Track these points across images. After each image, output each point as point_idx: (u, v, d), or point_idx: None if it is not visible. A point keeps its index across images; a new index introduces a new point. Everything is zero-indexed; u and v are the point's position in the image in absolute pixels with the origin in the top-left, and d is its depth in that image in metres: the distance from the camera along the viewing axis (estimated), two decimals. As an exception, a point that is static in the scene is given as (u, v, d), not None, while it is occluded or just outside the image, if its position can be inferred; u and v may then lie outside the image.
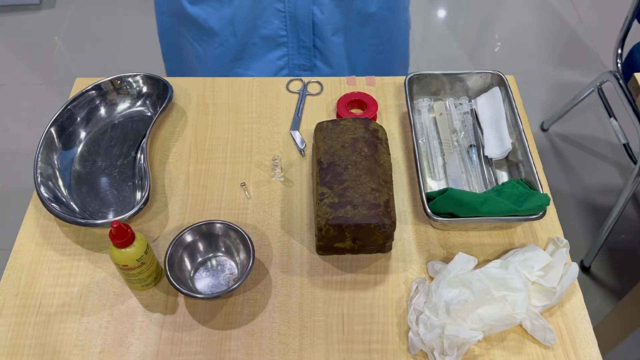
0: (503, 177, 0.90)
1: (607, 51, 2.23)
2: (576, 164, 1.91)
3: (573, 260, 0.78)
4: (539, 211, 0.78)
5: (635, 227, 1.75)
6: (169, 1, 1.10)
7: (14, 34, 2.33)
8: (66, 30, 2.34)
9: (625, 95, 1.52)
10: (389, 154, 0.85)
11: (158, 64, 2.20)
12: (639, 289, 1.20)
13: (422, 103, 0.98)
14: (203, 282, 0.79)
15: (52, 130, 0.89)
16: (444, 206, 0.79)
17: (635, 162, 1.49)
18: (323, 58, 1.10)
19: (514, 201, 0.79)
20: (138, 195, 0.87)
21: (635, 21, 1.58)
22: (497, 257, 0.81)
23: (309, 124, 0.97)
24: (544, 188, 0.84)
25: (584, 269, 1.67)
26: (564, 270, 0.77)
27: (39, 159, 0.86)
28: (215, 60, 1.11)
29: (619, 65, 1.62)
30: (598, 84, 1.72)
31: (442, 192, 0.80)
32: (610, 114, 1.70)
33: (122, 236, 0.70)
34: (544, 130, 2.01)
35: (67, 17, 2.39)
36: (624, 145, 1.61)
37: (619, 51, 1.62)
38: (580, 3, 2.46)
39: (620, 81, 1.57)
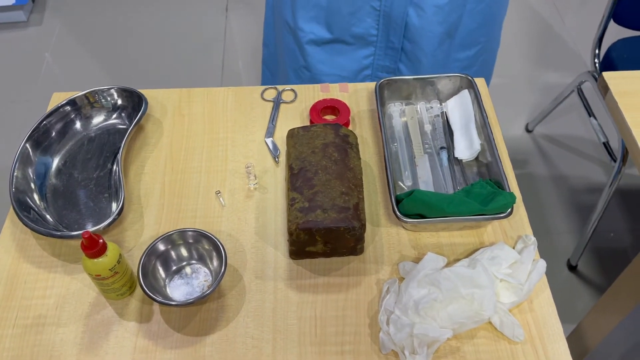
0: (473, 177, 0.91)
1: (589, 53, 2.25)
2: (561, 164, 1.93)
3: (560, 259, 0.79)
4: (505, 210, 0.80)
5: (621, 224, 1.77)
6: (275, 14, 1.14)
7: (1, 52, 2.35)
8: (54, 47, 2.36)
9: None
10: (360, 159, 0.86)
11: (145, 78, 2.24)
12: (620, 283, 1.21)
13: (394, 108, 0.99)
14: (178, 290, 0.80)
15: (28, 145, 0.91)
16: (412, 207, 0.80)
17: (615, 160, 1.51)
18: (408, 61, 1.11)
19: (481, 201, 0.81)
20: (114, 206, 0.88)
21: (612, 22, 1.60)
22: (468, 256, 0.82)
23: (283, 131, 0.99)
24: (512, 187, 0.85)
25: (571, 267, 1.67)
26: (531, 267, 0.78)
27: (15, 174, 0.87)
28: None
29: (596, 65, 1.64)
30: (577, 84, 1.73)
31: (410, 193, 0.81)
32: (590, 113, 1.72)
33: (93, 246, 0.71)
34: (528, 131, 2.02)
35: (54, 34, 2.41)
36: (603, 143, 1.62)
37: (597, 51, 1.64)
38: (564, 7, 2.49)
39: (598, 81, 1.58)
